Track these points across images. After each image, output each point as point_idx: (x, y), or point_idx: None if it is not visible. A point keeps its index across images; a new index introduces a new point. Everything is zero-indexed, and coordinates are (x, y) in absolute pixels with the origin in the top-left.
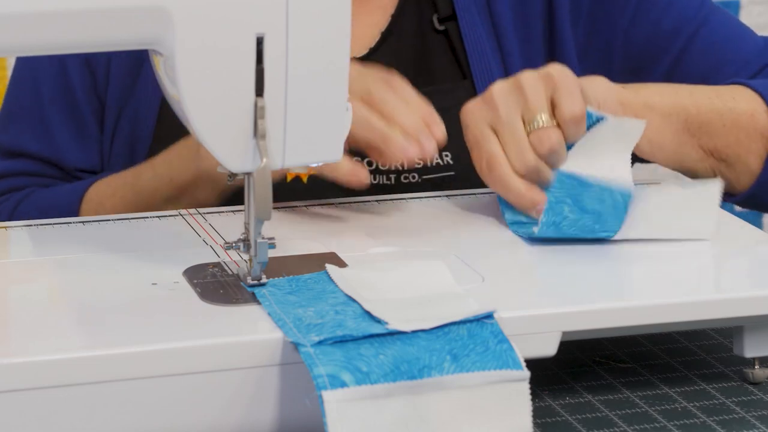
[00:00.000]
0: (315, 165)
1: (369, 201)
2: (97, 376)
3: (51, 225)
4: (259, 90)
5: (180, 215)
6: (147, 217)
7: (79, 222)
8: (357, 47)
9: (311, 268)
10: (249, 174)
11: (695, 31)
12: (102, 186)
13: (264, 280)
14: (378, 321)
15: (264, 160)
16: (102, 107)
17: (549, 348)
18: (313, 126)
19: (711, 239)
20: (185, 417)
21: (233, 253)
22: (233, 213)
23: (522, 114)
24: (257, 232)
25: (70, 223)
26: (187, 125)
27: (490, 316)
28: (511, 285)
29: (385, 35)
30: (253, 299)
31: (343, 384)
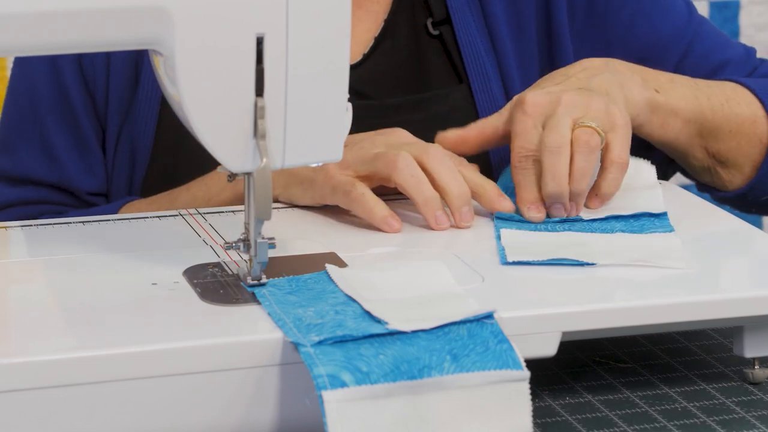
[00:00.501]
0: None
1: None
2: (97, 376)
3: (51, 225)
4: (259, 90)
5: (180, 215)
6: (147, 217)
7: (79, 222)
8: (351, 53)
9: (311, 268)
10: (249, 174)
11: (691, 40)
12: (133, 209)
13: (264, 280)
14: (378, 321)
15: (264, 160)
16: (102, 128)
17: (549, 348)
18: (313, 126)
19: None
20: (185, 417)
21: (233, 253)
22: (233, 213)
23: (576, 118)
24: (257, 232)
25: (70, 224)
26: (187, 125)
27: (490, 316)
28: (511, 285)
29: (379, 40)
30: (253, 299)
31: (343, 384)
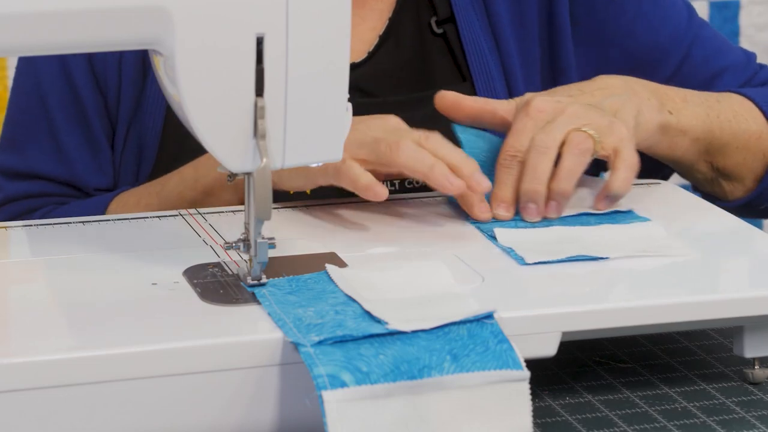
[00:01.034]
0: (316, 164)
1: (369, 201)
2: (97, 376)
3: (51, 225)
4: (259, 90)
5: (180, 215)
6: (147, 217)
7: (79, 222)
8: (355, 52)
9: (311, 268)
10: (249, 174)
11: (691, 44)
12: (126, 196)
13: (264, 280)
14: (378, 321)
15: (264, 160)
16: (112, 126)
17: (549, 348)
18: (313, 126)
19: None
20: (185, 417)
21: (233, 253)
22: (233, 213)
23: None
24: (257, 232)
25: (70, 224)
26: (187, 125)
27: (490, 316)
28: (511, 285)
29: (383, 39)
30: (253, 299)
31: (343, 384)
